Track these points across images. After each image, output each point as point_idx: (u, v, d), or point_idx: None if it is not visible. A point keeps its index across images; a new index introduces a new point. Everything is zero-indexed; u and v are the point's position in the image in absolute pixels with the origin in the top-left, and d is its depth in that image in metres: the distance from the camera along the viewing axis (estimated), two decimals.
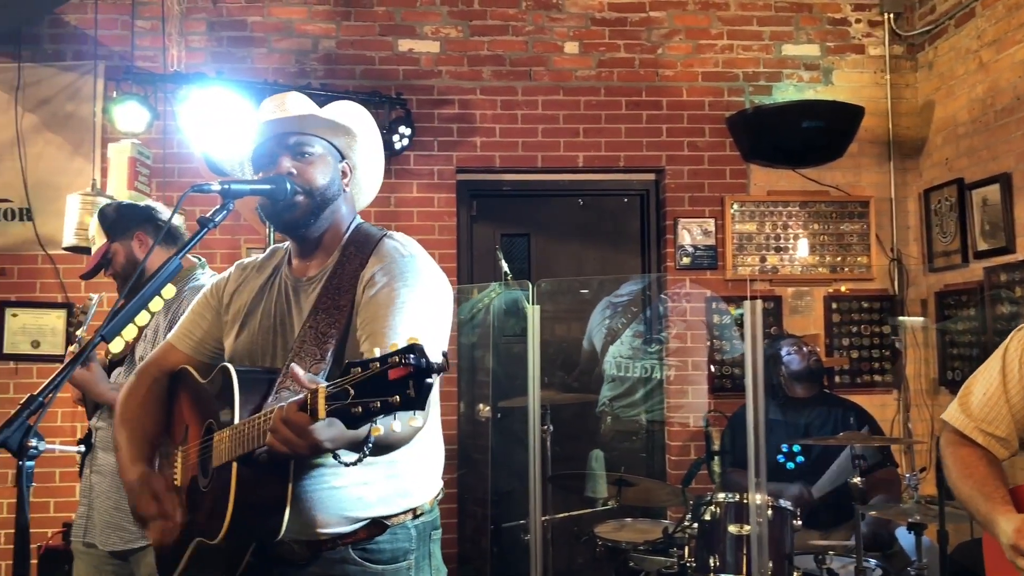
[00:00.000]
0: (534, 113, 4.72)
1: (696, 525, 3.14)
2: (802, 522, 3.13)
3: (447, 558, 1.91)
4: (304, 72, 4.63)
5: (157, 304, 2.61)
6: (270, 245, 2.60)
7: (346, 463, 1.41)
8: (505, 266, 4.51)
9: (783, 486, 3.59)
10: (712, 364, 4.66)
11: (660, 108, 4.76)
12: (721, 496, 3.11)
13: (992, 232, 4.15)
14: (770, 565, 2.92)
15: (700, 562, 3.10)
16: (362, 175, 1.94)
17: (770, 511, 3.00)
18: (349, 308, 1.72)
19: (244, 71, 4.56)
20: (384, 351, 1.26)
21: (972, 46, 4.33)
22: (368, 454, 1.36)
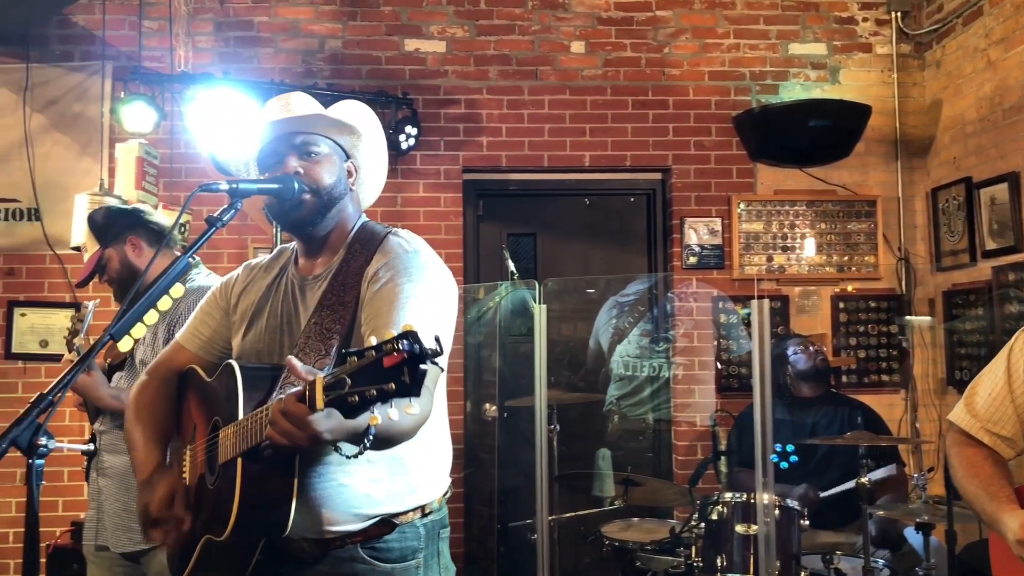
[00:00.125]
0: (540, 113, 4.72)
1: (703, 525, 3.14)
2: (810, 522, 3.13)
3: (453, 557, 1.91)
4: (311, 72, 4.64)
5: (166, 303, 2.61)
6: (277, 245, 2.60)
7: (347, 456, 1.41)
8: (512, 266, 4.51)
9: (788, 487, 3.58)
10: (719, 363, 4.66)
11: (666, 107, 4.76)
12: (728, 496, 3.11)
13: (1000, 231, 4.14)
14: (777, 565, 2.92)
15: (707, 562, 3.09)
16: (367, 174, 1.95)
17: (777, 511, 2.99)
18: (354, 304, 1.73)
19: (251, 71, 4.57)
20: (380, 340, 1.27)
21: (980, 44, 4.32)
22: (369, 446, 1.36)
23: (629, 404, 4.65)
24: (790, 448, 3.79)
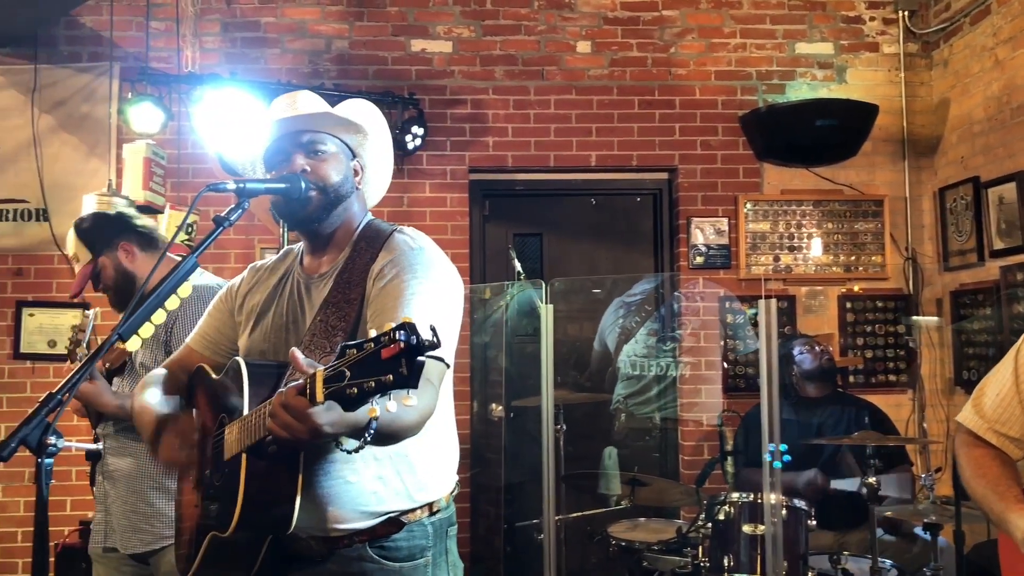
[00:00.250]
0: (546, 112, 4.72)
1: (710, 525, 3.14)
2: (817, 522, 3.12)
3: (460, 557, 1.92)
4: (317, 72, 4.65)
5: (174, 302, 2.61)
6: (284, 245, 2.60)
7: (347, 450, 1.41)
8: (518, 266, 4.51)
9: (796, 474, 3.54)
10: (726, 363, 4.65)
11: (673, 107, 4.76)
12: (735, 496, 3.11)
13: (1008, 231, 4.12)
14: (785, 565, 2.91)
15: (714, 562, 3.09)
16: (373, 173, 1.95)
17: (784, 511, 2.99)
18: (359, 302, 1.73)
19: (258, 71, 4.59)
20: (379, 333, 1.27)
21: (988, 43, 4.30)
22: (371, 440, 1.35)
23: (637, 402, 4.64)
24: (783, 447, 3.77)
